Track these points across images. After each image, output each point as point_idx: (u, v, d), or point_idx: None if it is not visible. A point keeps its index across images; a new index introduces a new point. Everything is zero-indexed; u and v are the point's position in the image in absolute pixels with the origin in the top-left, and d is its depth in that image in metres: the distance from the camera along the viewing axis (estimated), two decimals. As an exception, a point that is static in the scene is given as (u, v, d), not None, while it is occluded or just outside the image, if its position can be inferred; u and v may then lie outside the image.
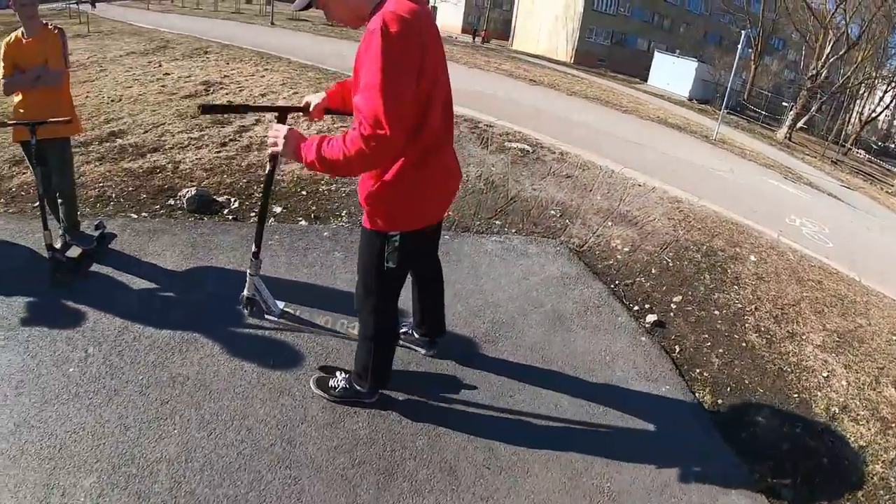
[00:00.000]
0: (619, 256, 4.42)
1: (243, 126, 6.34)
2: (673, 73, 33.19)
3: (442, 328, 2.89)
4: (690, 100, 30.58)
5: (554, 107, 10.58)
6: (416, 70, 1.79)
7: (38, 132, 3.15)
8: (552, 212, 5.03)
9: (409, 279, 2.47)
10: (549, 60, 32.14)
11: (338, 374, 2.63)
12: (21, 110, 3.34)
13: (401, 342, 2.81)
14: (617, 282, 4.05)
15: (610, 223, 5.00)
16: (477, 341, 3.15)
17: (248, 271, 2.80)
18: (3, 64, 3.27)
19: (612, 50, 40.62)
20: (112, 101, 7.20)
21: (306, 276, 3.54)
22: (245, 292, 2.88)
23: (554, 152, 6.70)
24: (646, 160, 7.31)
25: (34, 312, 3.12)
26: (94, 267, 3.56)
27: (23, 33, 3.29)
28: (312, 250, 3.84)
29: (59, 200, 3.53)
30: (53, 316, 3.09)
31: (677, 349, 3.42)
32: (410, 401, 2.68)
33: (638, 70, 36.36)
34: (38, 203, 3.38)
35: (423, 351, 2.92)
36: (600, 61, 38.53)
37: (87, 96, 7.35)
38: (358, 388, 2.54)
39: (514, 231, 4.59)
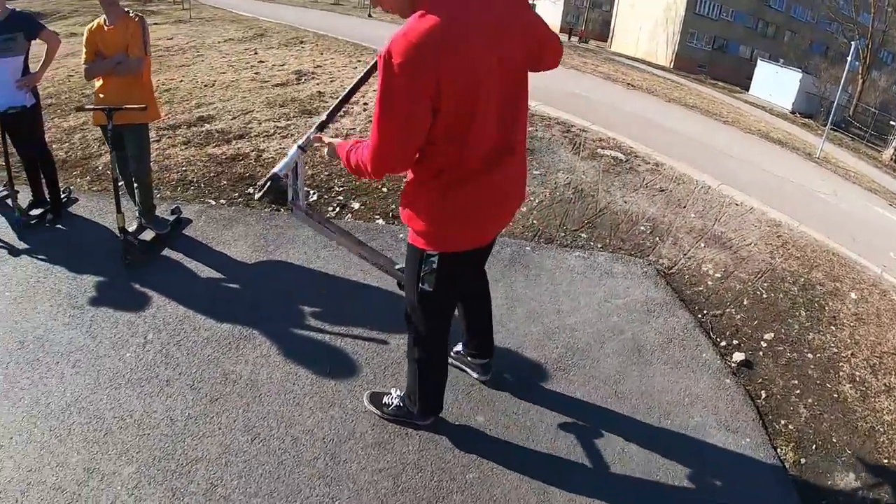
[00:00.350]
0: (709, 283, 4.18)
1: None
2: (776, 83, 33.29)
3: (490, 348, 2.81)
4: (793, 113, 30.03)
5: (651, 113, 10.30)
6: (425, 107, 1.68)
7: (114, 117, 3.47)
8: (642, 227, 4.86)
9: None
10: (648, 64, 32.07)
11: (393, 391, 2.62)
12: (101, 95, 3.69)
13: (452, 361, 2.78)
14: (705, 311, 3.82)
15: (703, 244, 4.76)
16: (547, 368, 3.06)
17: (299, 143, 2.60)
18: (85, 50, 3.64)
19: (712, 56, 42.07)
20: (205, 86, 7.82)
21: (376, 279, 3.58)
22: (278, 169, 2.62)
23: (648, 162, 6.53)
24: (745, 177, 6.96)
25: (101, 293, 3.40)
26: (166, 251, 3.83)
27: (105, 20, 3.63)
28: (386, 251, 3.87)
29: (135, 184, 3.83)
30: (119, 298, 3.35)
31: (763, 395, 3.15)
32: (466, 428, 2.61)
33: (739, 78, 36.63)
34: (105, 193, 3.68)
35: (475, 375, 2.85)
36: (700, 67, 38.93)
37: (181, 80, 8.04)
38: (410, 409, 2.50)
39: (599, 246, 4.45)
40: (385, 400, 2.58)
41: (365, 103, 7.22)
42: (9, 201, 4.10)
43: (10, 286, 3.47)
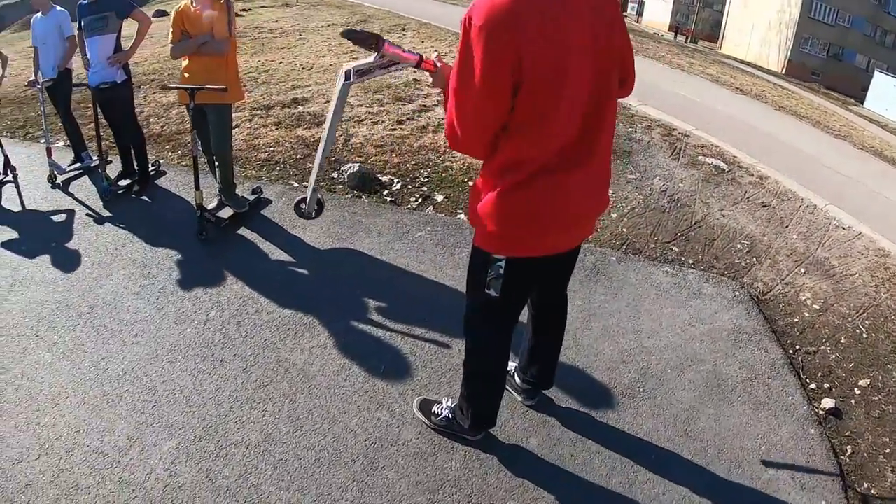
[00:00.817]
0: (805, 314, 3.82)
1: (424, 106, 6.71)
2: (894, 97, 31.56)
3: (550, 380, 2.65)
4: (911, 131, 27.38)
5: (758, 120, 9.67)
6: (504, 78, 1.59)
7: (196, 97, 3.68)
8: (739, 245, 4.54)
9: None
10: (758, 69, 30.28)
11: (445, 400, 2.57)
12: (186, 74, 3.91)
13: None
14: (798, 346, 3.49)
15: (803, 270, 4.37)
16: (615, 394, 2.89)
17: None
18: (171, 30, 3.89)
19: (827, 63, 40.57)
20: (303, 68, 8.17)
21: (449, 277, 3.56)
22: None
23: (752, 174, 6.13)
24: (854, 198, 6.36)
25: (173, 266, 3.62)
26: (241, 230, 4.01)
27: (192, 2, 3.85)
28: (463, 249, 3.85)
29: (216, 162, 4.04)
30: (189, 273, 3.55)
31: (849, 450, 2.80)
32: (517, 449, 2.51)
33: (854, 89, 34.92)
34: (198, 160, 3.90)
35: (520, 398, 2.71)
36: (814, 75, 37.46)
37: (280, 62, 8.44)
38: (460, 422, 2.44)
39: (691, 262, 4.18)
40: (435, 409, 2.54)
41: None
42: (100, 170, 4.47)
43: (89, 252, 3.77)
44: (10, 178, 4.77)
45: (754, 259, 4.41)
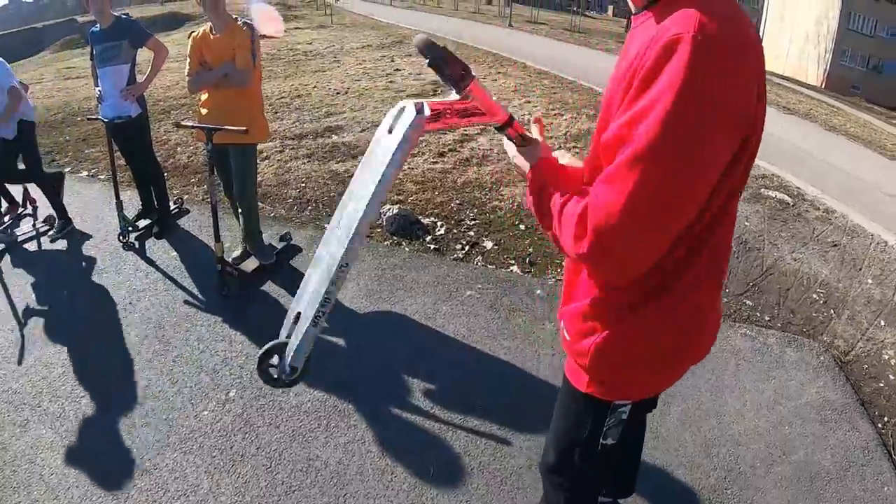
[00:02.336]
0: (891, 377, 3.35)
1: (466, 135, 6.27)
2: None
3: (631, 488, 2.15)
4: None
5: (811, 144, 9.20)
6: (735, 141, 1.02)
7: (215, 137, 3.22)
8: (815, 296, 4.08)
9: None
10: (798, 83, 29.50)
11: None
12: (203, 111, 3.49)
13: None
14: (886, 419, 3.02)
15: (882, 322, 3.88)
16: (700, 498, 2.43)
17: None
18: (189, 59, 3.46)
19: (867, 76, 39.73)
20: (337, 93, 7.82)
21: (505, 350, 3.08)
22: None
23: (818, 208, 5.72)
24: None
25: (191, 328, 3.20)
26: (267, 285, 3.58)
27: (211, 28, 3.44)
28: (518, 313, 3.37)
29: (239, 209, 3.63)
30: (209, 337, 3.13)
31: None
32: None
33: (895, 101, 33.87)
34: (222, 207, 3.47)
35: None
36: (854, 88, 36.08)
37: (314, 87, 8.12)
38: None
39: (767, 319, 3.72)
40: None
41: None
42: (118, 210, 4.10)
43: (103, 306, 3.39)
44: (29, 211, 4.46)
45: (832, 311, 3.94)
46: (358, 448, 2.47)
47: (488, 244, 4.19)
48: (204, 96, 3.46)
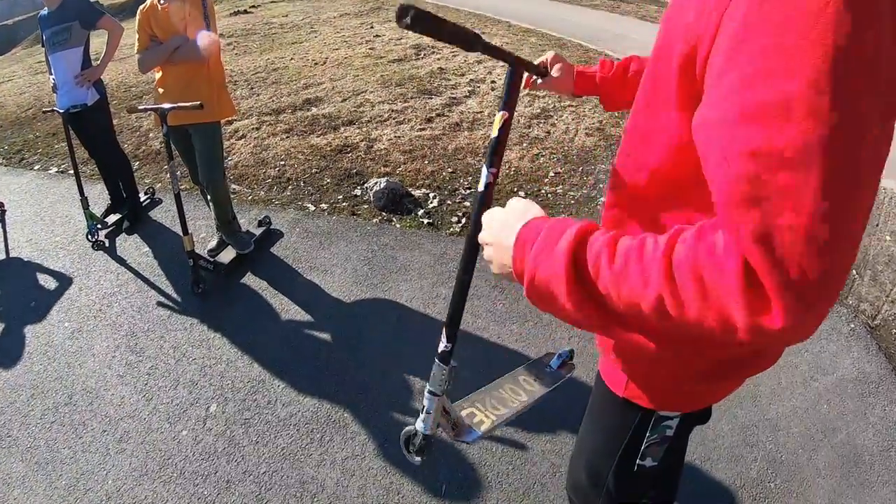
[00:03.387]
0: None
1: (454, 98, 5.83)
2: None
3: (672, 498, 1.85)
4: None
5: None
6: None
7: (171, 117, 2.85)
8: None
9: None
10: None
11: None
12: (160, 90, 3.05)
13: None
14: None
15: None
16: (742, 495, 2.15)
17: (428, 389, 1.40)
18: (138, 36, 3.00)
19: None
20: (315, 64, 7.32)
21: (515, 337, 2.74)
22: (419, 426, 1.48)
23: None
24: None
25: (165, 333, 2.86)
26: (247, 277, 3.22)
27: None
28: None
29: (208, 196, 3.24)
30: (184, 343, 2.79)
31: None
32: None
33: None
34: (193, 195, 3.09)
35: None
36: None
37: (291, 59, 7.61)
38: None
39: None
40: None
41: (493, 81, 6.36)
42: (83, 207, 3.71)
43: (70, 315, 3.05)
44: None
45: (854, 272, 3.67)
46: (357, 465, 2.15)
47: (486, 215, 3.82)
48: (158, 75, 3.03)
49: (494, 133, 1.10)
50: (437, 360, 1.34)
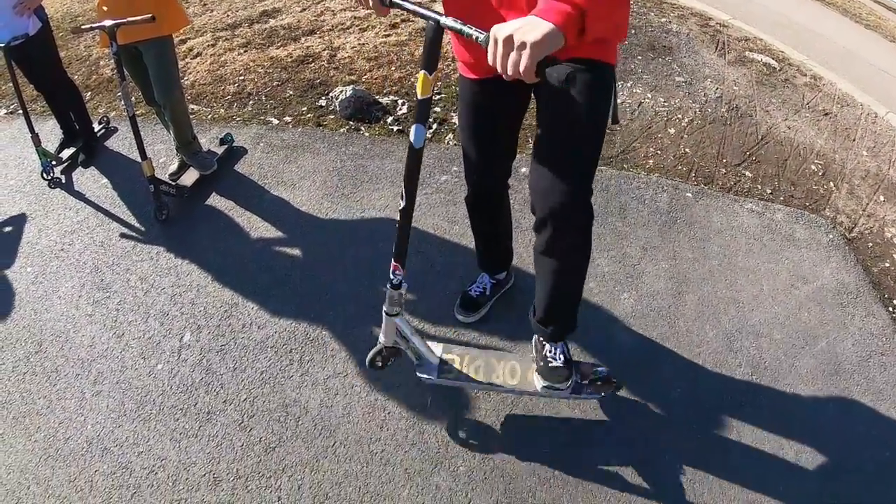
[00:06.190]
0: (895, 255, 3.09)
1: (419, 2, 5.36)
2: None
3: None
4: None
5: (789, 8, 8.42)
6: None
7: (121, 35, 2.51)
8: (813, 167, 3.79)
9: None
10: None
11: (549, 351, 1.76)
12: (104, 7, 2.66)
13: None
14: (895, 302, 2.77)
15: (881, 197, 3.61)
16: (729, 400, 2.15)
17: (384, 309, 1.69)
18: None
19: None
20: (270, -30, 6.70)
21: (457, 234, 2.55)
22: (382, 339, 1.75)
23: (805, 74, 5.31)
24: None
25: (130, 266, 2.64)
26: (212, 198, 2.97)
27: None
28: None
29: (166, 117, 2.93)
30: (151, 273, 2.59)
31: None
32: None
33: None
34: (148, 120, 2.78)
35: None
36: None
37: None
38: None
39: (769, 192, 3.40)
40: (552, 363, 1.75)
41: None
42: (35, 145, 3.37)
43: (31, 259, 2.79)
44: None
45: (831, 184, 3.66)
46: (340, 384, 2.01)
47: (457, 119, 3.54)
48: None
49: (426, 94, 1.25)
50: (388, 285, 1.55)
